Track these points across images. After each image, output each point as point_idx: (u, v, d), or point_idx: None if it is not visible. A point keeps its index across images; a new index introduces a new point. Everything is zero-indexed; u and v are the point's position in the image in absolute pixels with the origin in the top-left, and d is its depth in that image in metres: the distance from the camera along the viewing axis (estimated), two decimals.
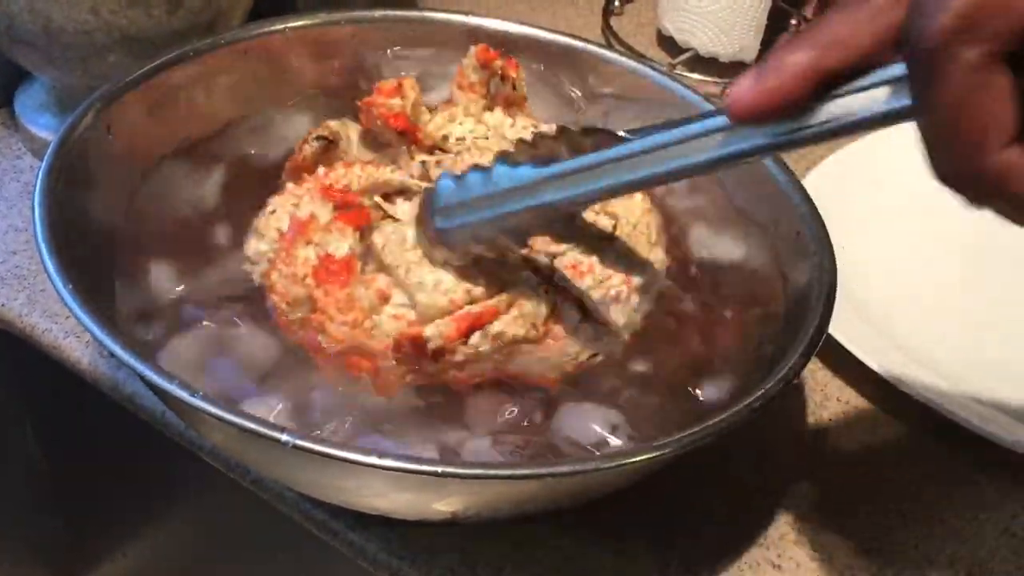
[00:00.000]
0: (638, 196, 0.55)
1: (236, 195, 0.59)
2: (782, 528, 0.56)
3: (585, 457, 0.47)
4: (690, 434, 0.44)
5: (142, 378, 0.44)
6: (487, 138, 0.57)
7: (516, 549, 0.53)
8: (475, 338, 0.49)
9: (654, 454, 0.44)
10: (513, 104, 0.60)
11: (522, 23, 0.67)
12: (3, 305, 0.63)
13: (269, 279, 0.50)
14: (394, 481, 0.43)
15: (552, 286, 0.51)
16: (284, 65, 0.64)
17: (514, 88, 0.60)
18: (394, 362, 0.49)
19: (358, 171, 0.54)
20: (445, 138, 0.57)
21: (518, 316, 0.49)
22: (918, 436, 0.62)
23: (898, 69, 0.33)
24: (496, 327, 0.49)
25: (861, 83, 0.34)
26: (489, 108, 0.59)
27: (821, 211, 0.57)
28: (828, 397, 0.64)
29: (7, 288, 0.64)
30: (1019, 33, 0.29)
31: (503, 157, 0.45)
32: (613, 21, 0.98)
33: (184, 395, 0.42)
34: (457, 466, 0.43)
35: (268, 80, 0.64)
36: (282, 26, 0.64)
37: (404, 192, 0.54)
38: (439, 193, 0.48)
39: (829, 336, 0.60)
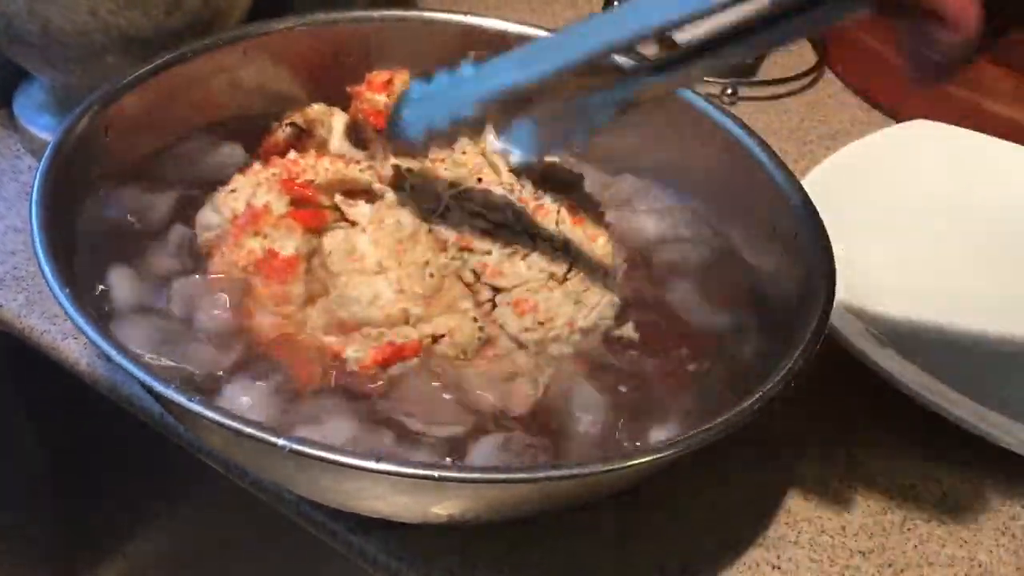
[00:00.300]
0: (601, 239, 0.55)
1: None
2: (781, 529, 0.56)
3: (583, 461, 0.47)
4: (689, 436, 0.44)
5: (139, 382, 0.43)
6: (464, 153, 0.56)
7: (515, 550, 0.53)
8: (396, 368, 0.50)
9: (652, 457, 0.44)
10: None
11: (521, 23, 0.67)
12: (2, 306, 0.63)
13: (211, 256, 0.52)
14: (391, 485, 0.43)
15: (491, 320, 0.52)
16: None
17: None
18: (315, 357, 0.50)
19: (326, 164, 0.54)
20: None
21: (449, 344, 0.50)
22: (917, 435, 0.62)
23: None
24: (414, 362, 0.50)
25: None
26: None
27: (820, 211, 0.57)
28: (828, 397, 0.64)
29: (6, 289, 0.64)
30: None
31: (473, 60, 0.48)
32: None
33: (181, 399, 0.42)
34: (455, 470, 0.43)
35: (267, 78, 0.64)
36: (281, 26, 0.64)
37: (368, 194, 0.54)
38: (409, 94, 0.50)
39: (829, 336, 0.60)
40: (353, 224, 0.52)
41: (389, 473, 0.40)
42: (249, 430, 0.41)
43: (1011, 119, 0.84)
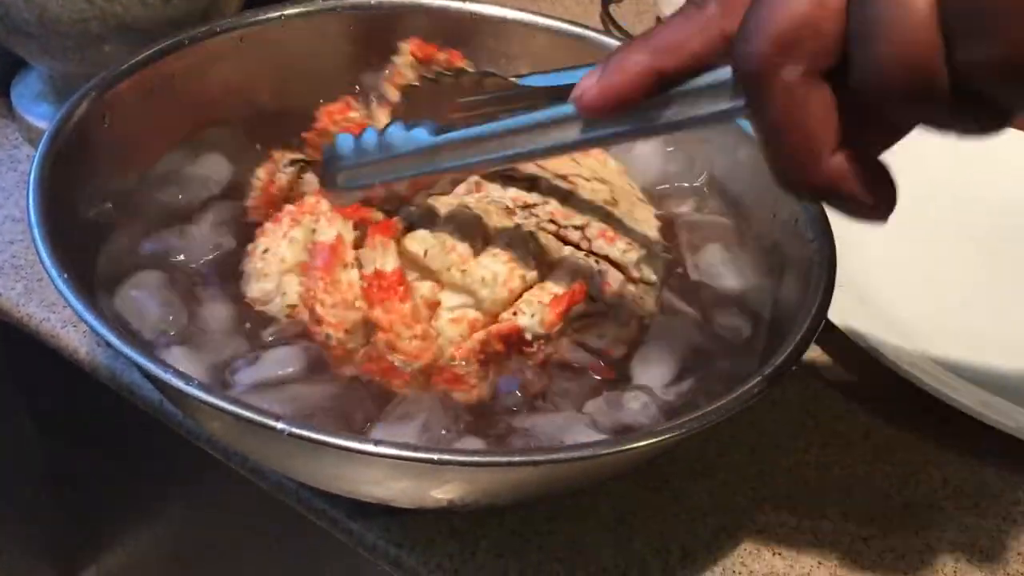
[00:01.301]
0: (611, 162, 0.57)
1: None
2: (783, 515, 0.56)
3: (581, 444, 0.47)
4: (687, 420, 0.44)
5: (138, 367, 0.43)
6: None
7: (515, 536, 0.53)
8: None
9: (651, 440, 0.44)
10: None
11: (520, 9, 0.67)
12: (1, 295, 0.63)
13: (313, 314, 0.48)
14: (390, 469, 0.43)
15: (592, 254, 0.53)
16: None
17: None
18: (472, 365, 0.49)
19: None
20: None
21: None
22: (919, 423, 0.62)
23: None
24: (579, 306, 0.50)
25: (701, 82, 0.37)
26: None
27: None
28: (828, 384, 0.64)
29: (4, 278, 0.63)
30: (831, 52, 0.32)
31: (398, 118, 0.49)
32: (612, 8, 0.97)
33: (179, 384, 0.41)
34: (453, 453, 0.43)
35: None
36: (278, 14, 0.63)
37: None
38: (336, 149, 0.51)
39: (829, 322, 0.60)
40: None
41: (387, 456, 0.40)
42: (248, 414, 0.40)
43: None
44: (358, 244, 0.50)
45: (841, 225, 0.56)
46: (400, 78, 0.57)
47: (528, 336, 0.49)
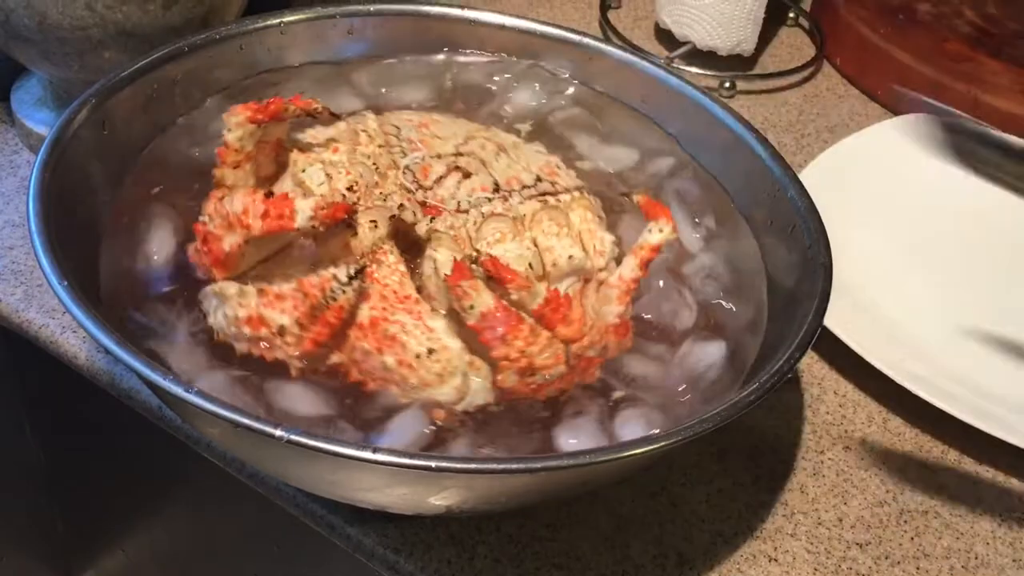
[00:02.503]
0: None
1: None
2: (778, 521, 0.56)
3: (577, 451, 0.47)
4: (684, 427, 0.44)
5: (137, 373, 0.44)
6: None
7: (513, 543, 0.53)
8: None
9: (648, 448, 0.44)
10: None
11: (518, 16, 0.67)
12: (0, 300, 0.63)
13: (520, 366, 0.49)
14: (388, 476, 0.43)
15: None
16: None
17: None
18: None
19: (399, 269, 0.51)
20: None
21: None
22: (915, 429, 0.62)
23: None
24: None
25: None
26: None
27: (817, 204, 0.57)
28: (825, 391, 0.64)
29: (4, 283, 0.64)
30: None
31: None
32: (610, 15, 0.97)
33: (178, 390, 0.42)
34: (450, 460, 0.43)
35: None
36: (278, 21, 0.64)
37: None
38: None
39: (826, 329, 0.60)
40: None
41: (385, 464, 0.40)
42: (246, 421, 0.41)
43: (1009, 113, 0.84)
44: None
45: (837, 232, 0.56)
46: (235, 155, 0.52)
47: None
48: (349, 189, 0.52)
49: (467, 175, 0.55)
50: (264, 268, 0.51)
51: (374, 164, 0.54)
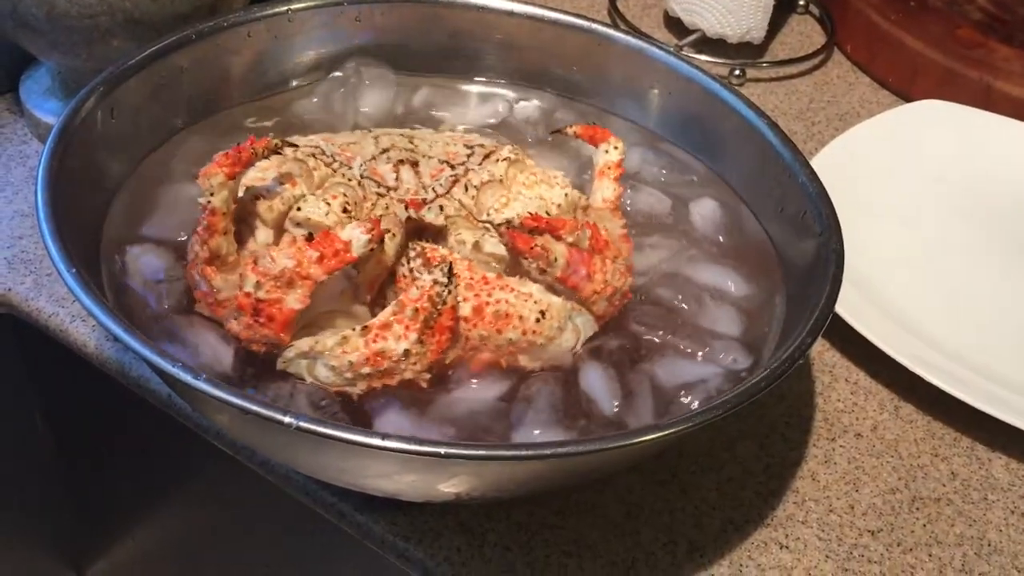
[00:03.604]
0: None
1: None
2: (789, 509, 0.56)
3: (588, 438, 0.47)
4: (695, 413, 0.44)
5: (147, 362, 0.44)
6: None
7: (522, 530, 0.53)
8: None
9: (658, 434, 0.44)
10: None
11: (527, 3, 0.67)
12: (10, 290, 0.63)
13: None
14: (398, 463, 0.43)
15: None
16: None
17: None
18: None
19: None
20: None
21: None
22: (927, 416, 0.62)
23: None
24: None
25: None
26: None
27: (829, 190, 0.57)
28: (836, 378, 0.64)
29: (14, 273, 0.64)
30: None
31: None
32: (619, 3, 0.97)
33: (188, 378, 0.42)
34: (460, 447, 0.43)
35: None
36: (285, 8, 0.64)
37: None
38: None
39: (837, 316, 0.60)
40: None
41: (395, 450, 0.40)
42: (256, 408, 0.41)
43: (1021, 100, 0.83)
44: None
45: (848, 219, 0.56)
46: (223, 219, 0.50)
47: None
48: (344, 211, 0.52)
49: (415, 164, 0.56)
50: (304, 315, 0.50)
51: (349, 180, 0.54)
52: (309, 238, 0.48)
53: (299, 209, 0.52)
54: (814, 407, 0.62)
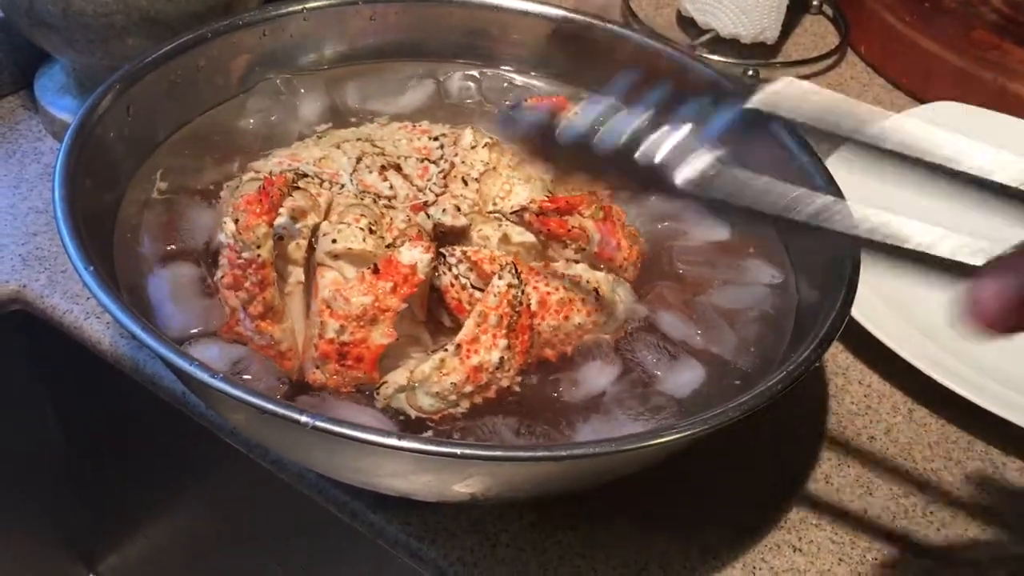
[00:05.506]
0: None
1: None
2: (803, 511, 0.56)
3: (601, 440, 0.47)
4: (710, 416, 0.44)
5: (162, 359, 0.44)
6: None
7: (535, 531, 0.53)
8: None
9: (672, 437, 0.43)
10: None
11: (541, 2, 0.67)
12: (25, 286, 0.63)
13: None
14: (413, 463, 0.43)
15: None
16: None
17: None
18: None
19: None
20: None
21: None
22: (940, 420, 0.62)
23: None
24: None
25: None
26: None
27: (844, 192, 0.57)
28: (849, 380, 0.63)
29: (29, 269, 0.64)
30: None
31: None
32: (632, 2, 0.97)
33: (204, 376, 0.42)
34: (476, 448, 0.43)
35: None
36: (300, 7, 0.64)
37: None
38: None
39: (851, 320, 0.60)
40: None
41: (411, 451, 0.40)
42: (272, 407, 0.41)
43: None
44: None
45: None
46: (271, 270, 0.48)
47: None
48: (371, 231, 0.51)
49: (398, 168, 0.56)
50: None
51: (363, 198, 0.53)
52: (375, 270, 0.48)
53: (334, 242, 0.50)
54: (828, 410, 0.61)
